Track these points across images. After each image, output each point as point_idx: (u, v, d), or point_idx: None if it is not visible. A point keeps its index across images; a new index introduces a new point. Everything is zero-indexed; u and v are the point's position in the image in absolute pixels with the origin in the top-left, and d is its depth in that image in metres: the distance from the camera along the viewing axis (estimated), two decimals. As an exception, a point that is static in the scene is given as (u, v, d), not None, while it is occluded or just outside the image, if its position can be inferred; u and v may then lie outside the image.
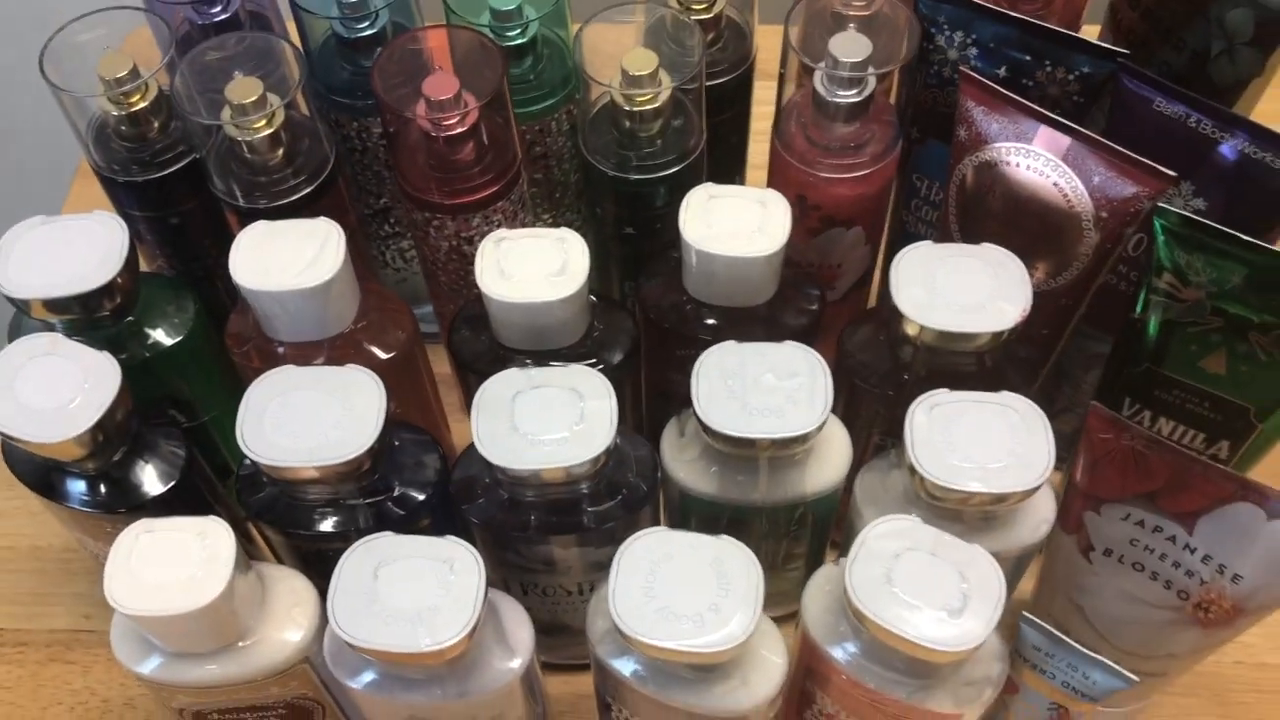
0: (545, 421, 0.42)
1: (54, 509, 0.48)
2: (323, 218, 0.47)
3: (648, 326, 0.51)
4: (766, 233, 0.46)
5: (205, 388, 0.53)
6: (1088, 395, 0.55)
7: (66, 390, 0.43)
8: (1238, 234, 0.41)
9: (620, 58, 0.49)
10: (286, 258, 0.46)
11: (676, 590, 0.39)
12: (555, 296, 0.45)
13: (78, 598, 0.61)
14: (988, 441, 0.42)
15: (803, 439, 0.43)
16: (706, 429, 0.43)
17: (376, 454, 0.43)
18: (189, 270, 0.56)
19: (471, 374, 0.50)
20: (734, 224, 0.46)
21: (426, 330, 0.62)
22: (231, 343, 0.50)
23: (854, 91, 0.48)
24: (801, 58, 0.48)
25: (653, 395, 0.55)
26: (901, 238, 0.58)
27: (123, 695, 0.57)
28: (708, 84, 0.53)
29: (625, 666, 0.42)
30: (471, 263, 0.51)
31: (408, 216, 0.52)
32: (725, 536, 0.40)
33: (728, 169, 0.58)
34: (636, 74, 0.48)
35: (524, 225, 0.53)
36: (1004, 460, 0.41)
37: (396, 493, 0.45)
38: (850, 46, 0.47)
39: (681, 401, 0.49)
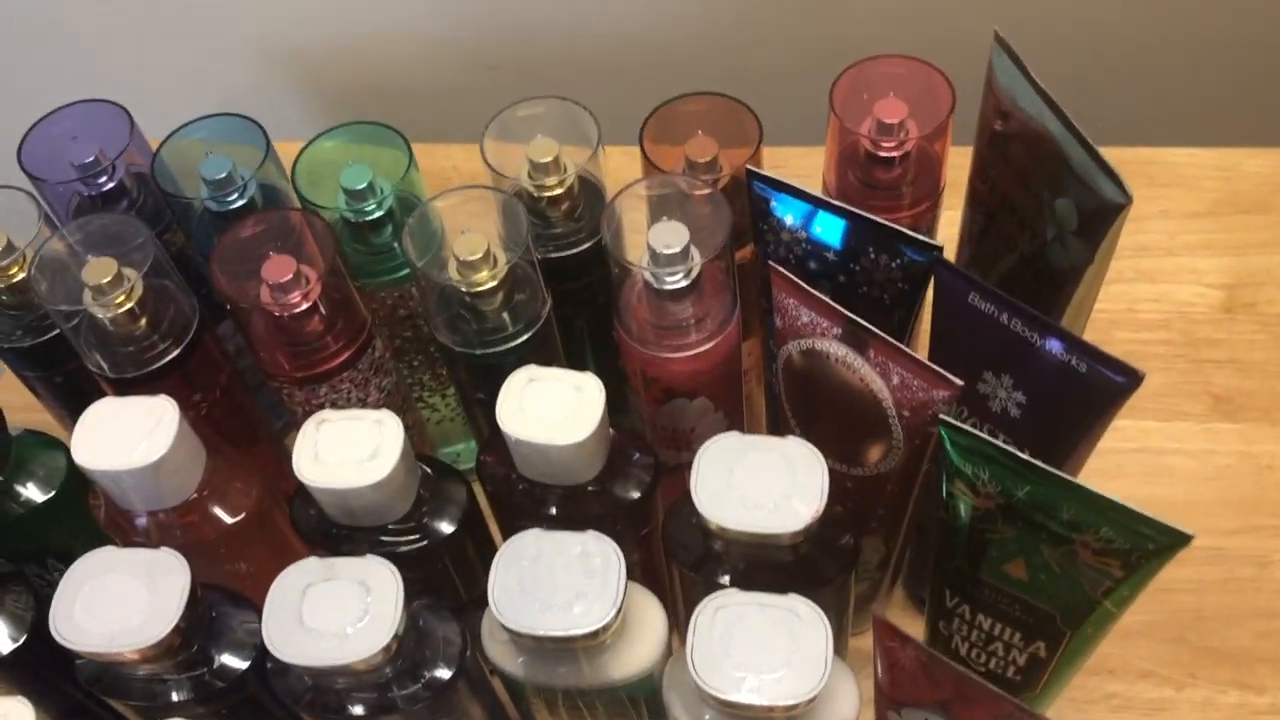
0: (332, 617, 0.43)
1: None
2: (161, 396, 0.49)
3: (489, 495, 0.52)
4: (579, 419, 0.47)
5: (81, 538, 0.56)
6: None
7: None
8: (1016, 452, 0.41)
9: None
10: (124, 435, 0.48)
11: None
12: (364, 482, 0.46)
13: None
14: (766, 649, 0.42)
15: (590, 636, 0.43)
16: (498, 622, 0.44)
17: (186, 632, 0.45)
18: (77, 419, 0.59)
19: (309, 543, 0.52)
20: (548, 409, 0.47)
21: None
22: (91, 501, 0.52)
23: (679, 276, 0.49)
24: (617, 257, 0.49)
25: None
26: (772, 398, 0.58)
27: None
28: (563, 254, 0.54)
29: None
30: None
31: (266, 383, 0.54)
32: None
33: (603, 331, 0.59)
34: (468, 258, 0.49)
35: (380, 390, 0.55)
36: (779, 670, 0.41)
37: (216, 665, 0.47)
38: (668, 235, 0.48)
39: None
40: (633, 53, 0.90)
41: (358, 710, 0.46)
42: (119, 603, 0.45)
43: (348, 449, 0.47)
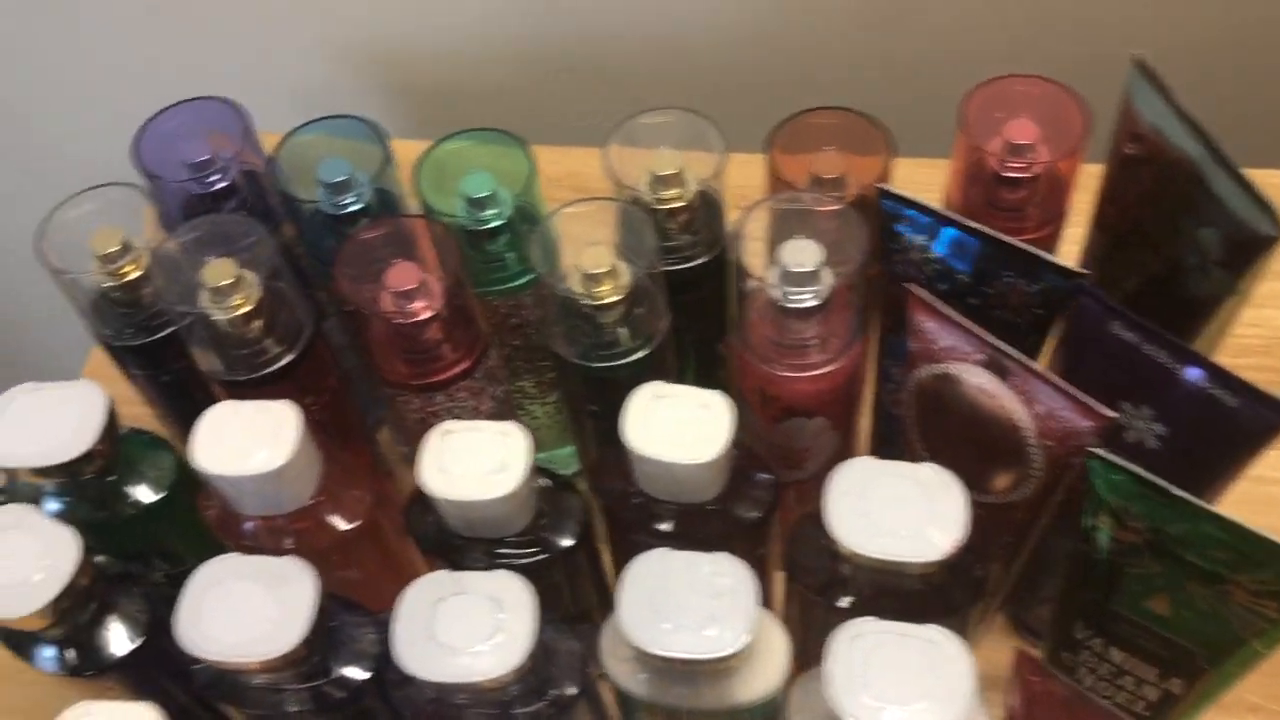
0: (464, 632, 0.43)
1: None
2: (283, 401, 0.48)
3: (606, 510, 0.51)
4: (707, 438, 0.46)
5: (188, 538, 0.55)
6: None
7: (27, 566, 0.46)
8: (1168, 487, 0.40)
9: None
10: (244, 440, 0.48)
11: None
12: (492, 495, 0.46)
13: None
14: (905, 680, 0.41)
15: (723, 660, 0.43)
16: (629, 642, 0.43)
17: (311, 643, 0.44)
18: (183, 419, 0.58)
19: (424, 552, 0.51)
20: (676, 427, 0.46)
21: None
22: (202, 502, 0.52)
23: (808, 295, 0.48)
24: (748, 273, 0.48)
25: (618, 568, 0.55)
26: (883, 416, 0.58)
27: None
28: (680, 267, 0.53)
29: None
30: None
31: (382, 388, 0.54)
32: None
33: (708, 344, 0.58)
34: (593, 271, 0.49)
35: (493, 399, 0.54)
36: (920, 702, 0.41)
37: (335, 675, 0.47)
38: (800, 253, 0.47)
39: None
40: (709, 56, 0.89)
41: (481, 726, 0.45)
42: (245, 611, 0.44)
43: (474, 460, 0.47)
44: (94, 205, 0.54)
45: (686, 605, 0.43)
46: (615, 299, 0.50)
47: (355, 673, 0.47)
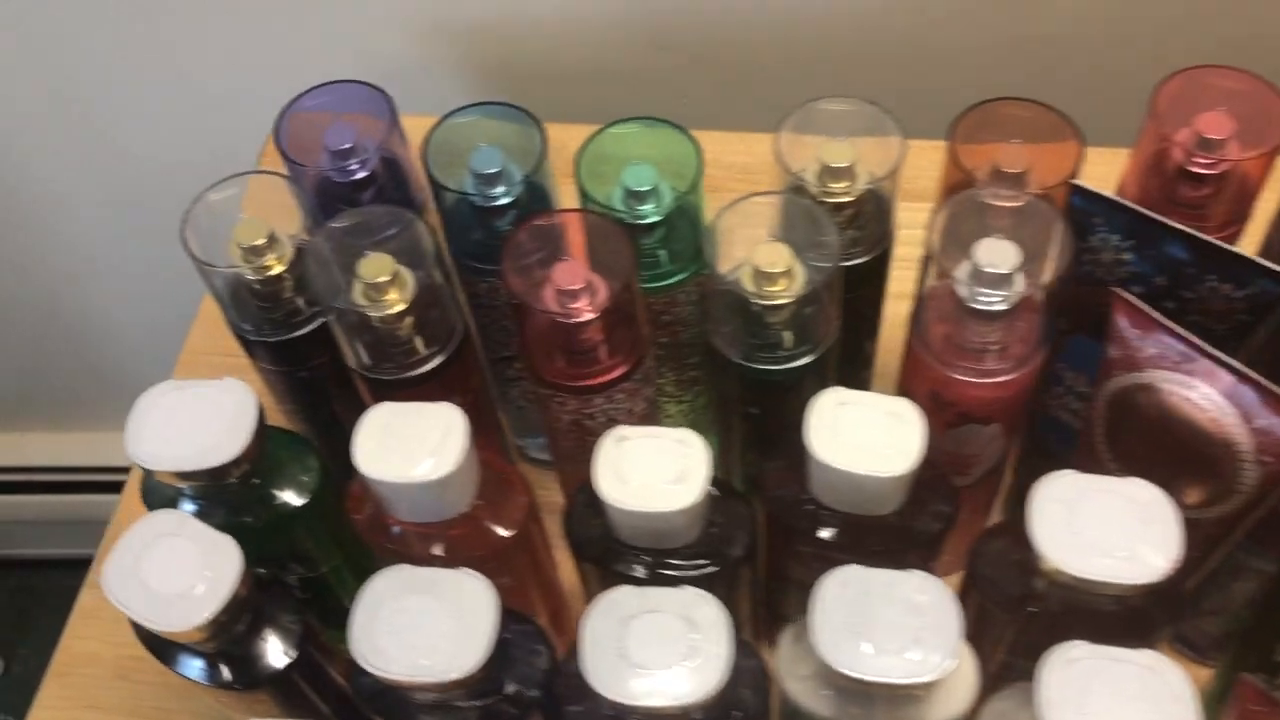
0: (657, 652, 0.41)
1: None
2: (446, 404, 0.46)
3: (766, 514, 0.49)
4: (899, 449, 0.44)
5: (327, 542, 0.54)
6: (1235, 601, 0.51)
7: (189, 576, 0.44)
8: None
9: (751, 241, 0.48)
10: (409, 445, 0.45)
11: None
12: (673, 507, 0.44)
13: (202, 714, 0.62)
14: (1125, 709, 0.39)
15: (926, 685, 0.41)
16: (825, 664, 0.41)
17: (491, 662, 0.43)
18: (316, 417, 0.56)
19: (580, 559, 0.49)
20: (864, 437, 0.44)
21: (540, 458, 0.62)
22: (352, 506, 0.50)
23: (999, 298, 0.46)
24: (945, 269, 0.46)
25: (768, 577, 0.53)
26: (1040, 421, 0.56)
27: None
28: (843, 264, 0.51)
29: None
30: (591, 435, 0.51)
31: (532, 389, 0.52)
32: None
33: (856, 342, 0.56)
34: (768, 270, 0.47)
35: (646, 400, 0.52)
36: (1143, 731, 0.39)
37: (508, 691, 0.45)
38: (996, 254, 0.45)
39: (798, 594, 0.47)
40: (808, 37, 0.86)
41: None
42: (422, 626, 0.42)
43: (652, 469, 0.45)
44: (234, 191, 0.51)
45: (886, 625, 0.41)
46: (788, 300, 0.48)
47: (526, 689, 0.45)
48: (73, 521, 1.31)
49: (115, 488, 0.72)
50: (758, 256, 0.47)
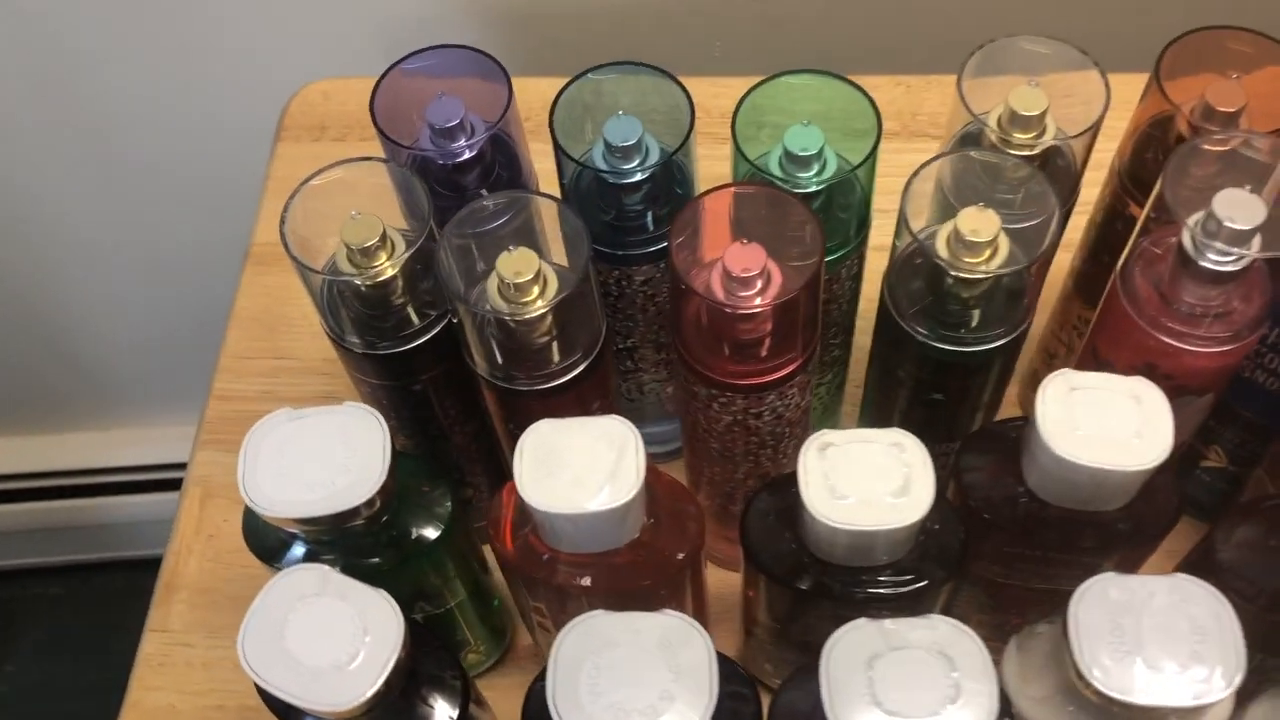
0: (919, 701, 0.35)
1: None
2: (615, 418, 0.40)
3: (967, 511, 0.44)
4: (1147, 439, 0.39)
5: (452, 577, 0.47)
6: None
7: (344, 644, 0.37)
8: None
9: (929, 206, 0.42)
10: (578, 469, 0.39)
11: None
12: (901, 523, 0.38)
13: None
14: None
15: (1208, 708, 0.36)
16: (1090, 686, 0.36)
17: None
18: (423, 431, 0.50)
19: (764, 575, 0.44)
20: (1105, 425, 0.39)
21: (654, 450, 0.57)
22: (503, 535, 0.44)
23: (1233, 258, 0.40)
24: (1175, 212, 0.41)
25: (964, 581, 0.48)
26: (1235, 383, 0.51)
27: None
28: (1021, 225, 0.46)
29: None
30: (753, 435, 0.45)
31: (684, 387, 0.45)
32: None
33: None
34: (972, 239, 0.41)
35: (812, 391, 0.46)
36: None
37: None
38: (1239, 209, 0.39)
39: (1010, 605, 0.42)
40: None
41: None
42: (634, 682, 0.36)
43: (869, 479, 0.39)
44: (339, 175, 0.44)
45: (1160, 641, 0.36)
46: (986, 272, 0.42)
47: (737, 737, 0.39)
48: (46, 529, 1.23)
49: (89, 491, 0.65)
50: (962, 221, 0.41)
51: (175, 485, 0.64)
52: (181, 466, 0.64)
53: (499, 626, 0.55)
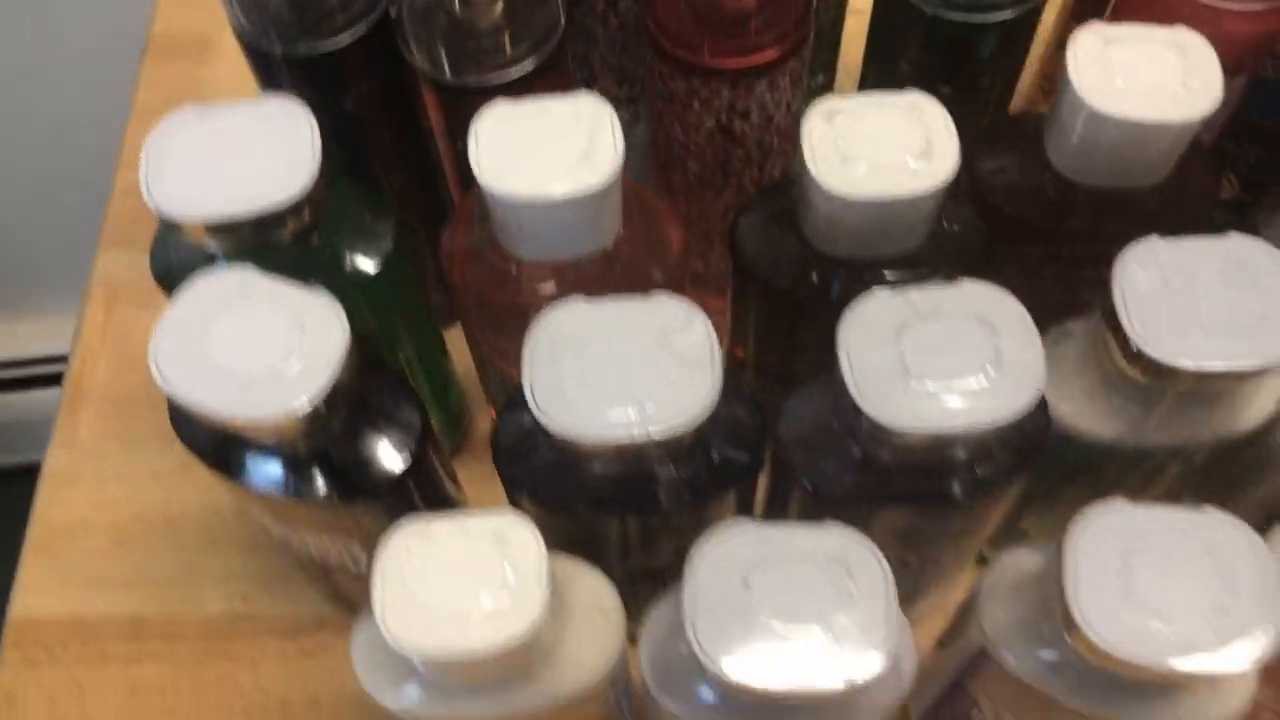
0: (949, 365, 0.30)
1: (236, 489, 0.36)
2: (589, 93, 0.34)
3: (986, 211, 0.39)
4: (1193, 89, 0.34)
5: (398, 323, 0.41)
6: None
7: (277, 349, 0.32)
8: None
9: None
10: (548, 151, 0.33)
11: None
12: (922, 189, 0.33)
13: (228, 575, 0.50)
14: None
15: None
16: (1141, 357, 0.32)
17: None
18: (358, 174, 0.43)
19: (757, 283, 0.38)
20: (1147, 78, 0.34)
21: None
22: (447, 262, 0.38)
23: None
24: None
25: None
26: (1255, 89, 0.46)
27: (304, 693, 0.47)
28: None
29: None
30: (739, 145, 0.40)
31: (659, 89, 0.40)
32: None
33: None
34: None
35: (805, 86, 0.41)
36: None
37: (717, 460, 0.34)
38: None
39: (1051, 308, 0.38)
40: None
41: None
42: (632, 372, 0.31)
43: (885, 143, 0.34)
44: None
45: (1213, 303, 0.32)
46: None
47: (737, 454, 0.34)
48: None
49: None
50: None
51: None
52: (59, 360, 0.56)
53: (456, 412, 0.50)
